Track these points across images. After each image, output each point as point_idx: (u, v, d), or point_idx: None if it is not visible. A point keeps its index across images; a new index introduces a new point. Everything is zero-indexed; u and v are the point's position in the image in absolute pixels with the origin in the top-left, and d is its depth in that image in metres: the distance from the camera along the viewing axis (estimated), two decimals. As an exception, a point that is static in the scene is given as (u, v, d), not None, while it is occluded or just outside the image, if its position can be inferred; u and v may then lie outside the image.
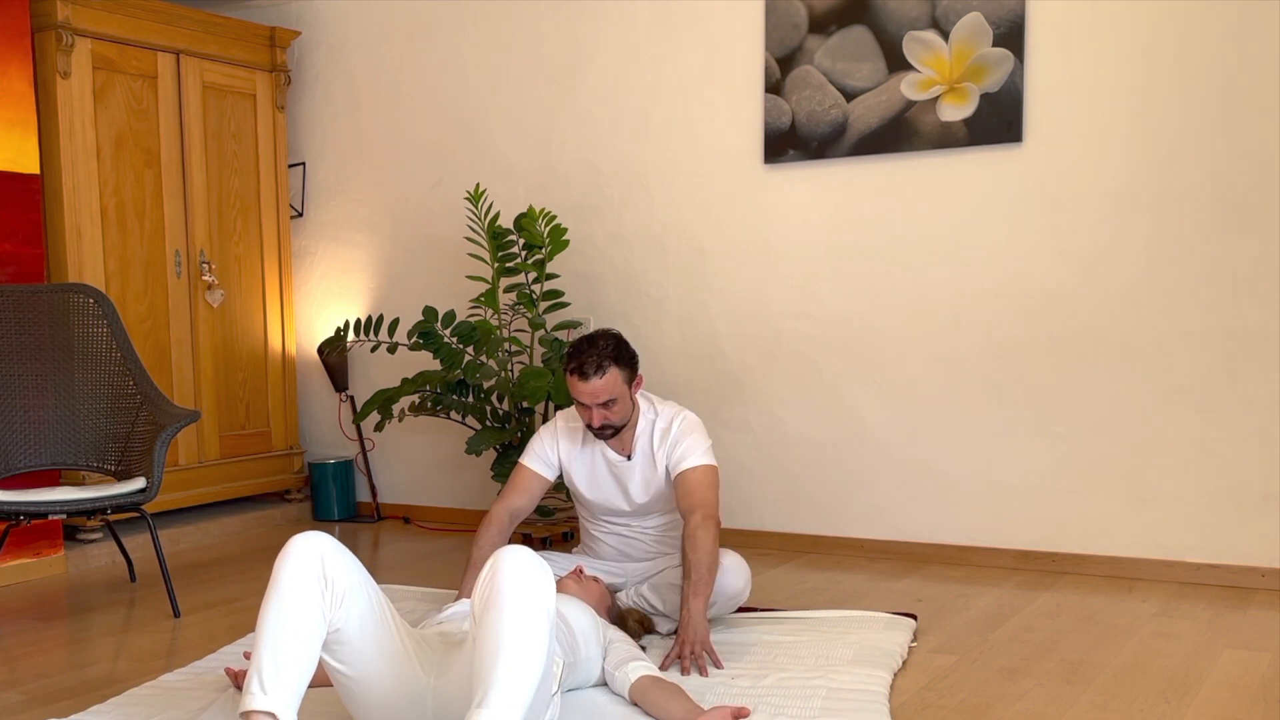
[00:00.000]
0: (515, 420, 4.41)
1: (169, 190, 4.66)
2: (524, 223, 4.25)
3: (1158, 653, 3.05)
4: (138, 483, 3.56)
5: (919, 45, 4.01)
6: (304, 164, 5.33)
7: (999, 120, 3.91)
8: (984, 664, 2.98)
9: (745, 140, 4.35)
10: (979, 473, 4.06)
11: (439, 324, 4.35)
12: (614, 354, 3.09)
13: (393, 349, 4.50)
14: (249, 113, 4.99)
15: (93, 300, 3.89)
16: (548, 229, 4.30)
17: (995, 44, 3.89)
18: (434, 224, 5.03)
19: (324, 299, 5.33)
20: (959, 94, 3.96)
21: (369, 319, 4.60)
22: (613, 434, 3.16)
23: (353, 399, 5.26)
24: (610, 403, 3.08)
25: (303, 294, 5.37)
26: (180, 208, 4.71)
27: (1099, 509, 3.89)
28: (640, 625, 3.13)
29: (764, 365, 4.39)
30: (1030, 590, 3.72)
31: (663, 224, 4.54)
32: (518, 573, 2.10)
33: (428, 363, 4.85)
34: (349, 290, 5.27)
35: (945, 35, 3.96)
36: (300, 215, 5.35)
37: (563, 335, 4.41)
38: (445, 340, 4.34)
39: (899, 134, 4.07)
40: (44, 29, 4.22)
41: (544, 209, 4.37)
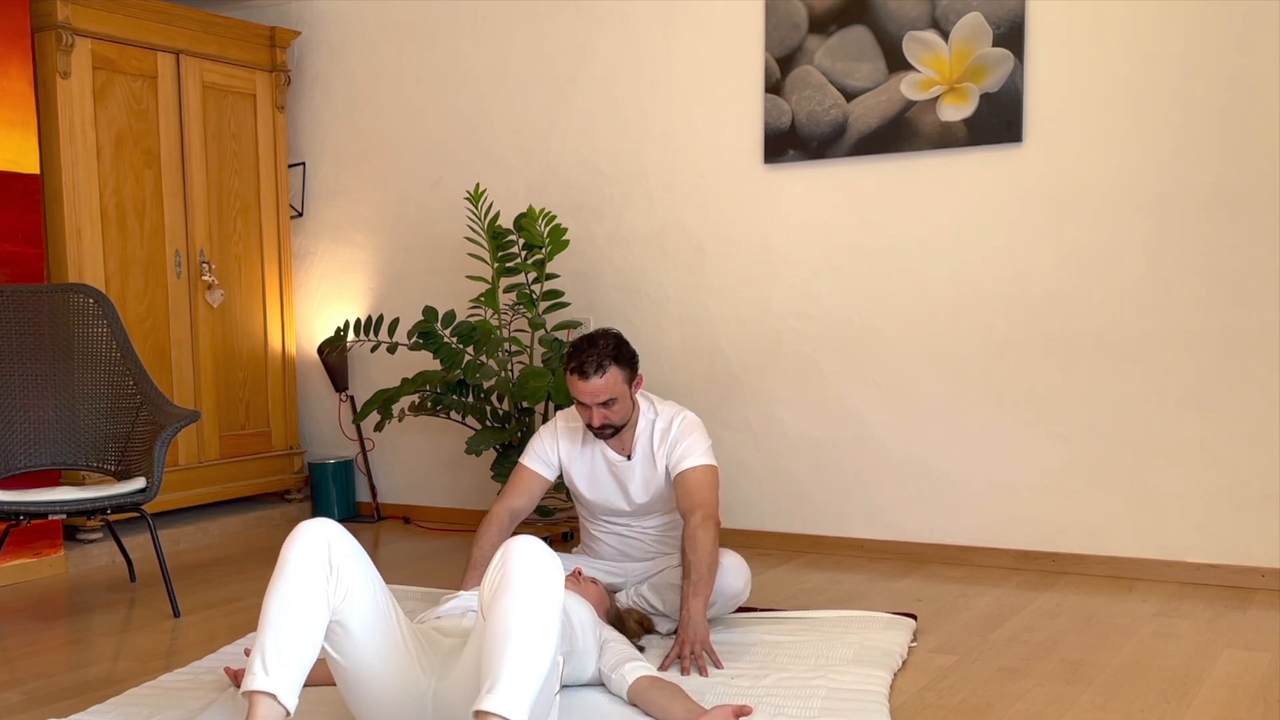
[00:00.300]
0: (515, 420, 4.41)
1: (169, 190, 4.66)
2: (524, 223, 4.25)
3: (1158, 653, 3.05)
4: (138, 483, 3.56)
5: (919, 45, 4.01)
6: (304, 164, 5.33)
7: (999, 120, 3.92)
8: (984, 664, 2.98)
9: (745, 140, 4.35)
10: (979, 473, 4.06)
11: (439, 324, 4.35)
12: (614, 353, 3.09)
13: (393, 349, 4.50)
14: (249, 113, 4.99)
15: (93, 300, 3.89)
16: (548, 229, 4.30)
17: (995, 44, 3.89)
18: (434, 224, 5.03)
19: (324, 299, 5.33)
20: (959, 94, 3.96)
21: (369, 319, 4.60)
22: (613, 433, 3.16)
23: (353, 399, 5.26)
24: (610, 402, 3.08)
25: (303, 294, 5.37)
26: (180, 208, 4.71)
27: (1099, 509, 3.89)
28: (640, 625, 3.13)
29: (764, 365, 4.39)
30: (1030, 590, 3.72)
31: (663, 224, 4.54)
32: (529, 561, 2.10)
33: (428, 363, 4.85)
34: (349, 290, 5.27)
35: (945, 35, 3.96)
36: (300, 215, 5.35)
37: (563, 335, 4.41)
38: (445, 340, 4.34)
39: (899, 134, 4.07)
40: (44, 29, 4.22)
41: (544, 209, 4.37)
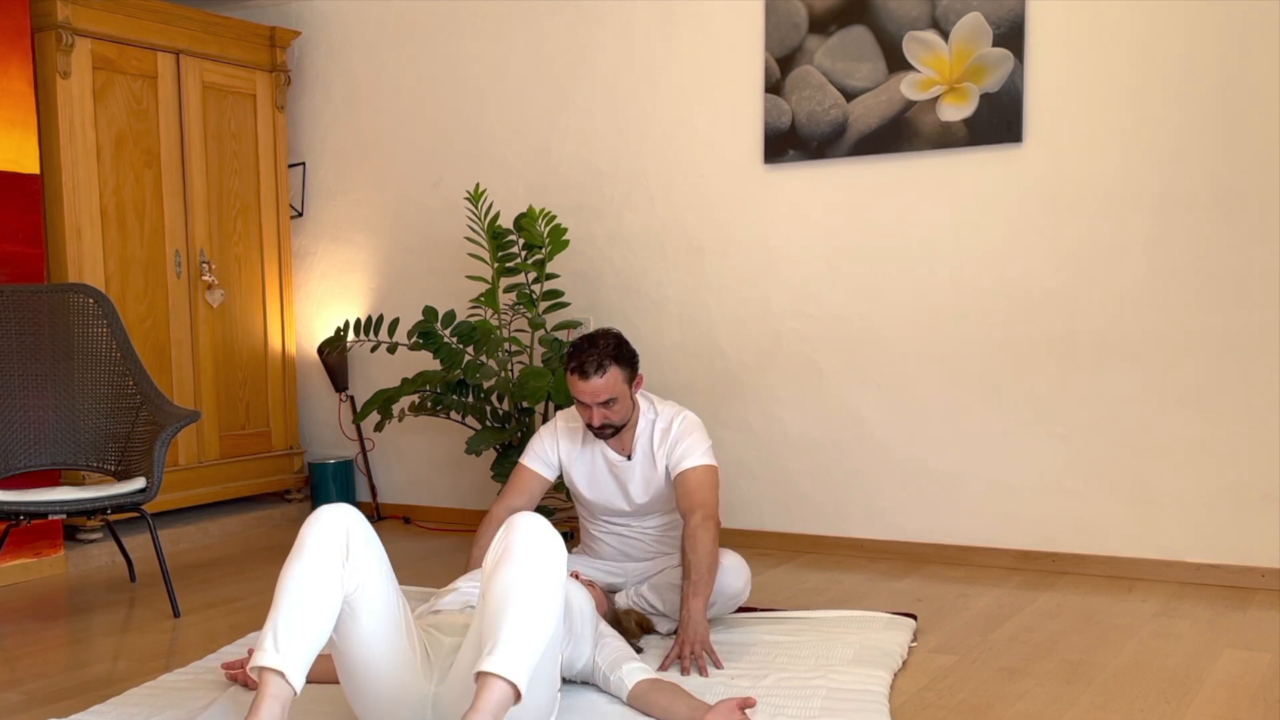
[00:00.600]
0: (515, 420, 4.41)
1: (169, 190, 4.66)
2: (524, 223, 4.25)
3: (1158, 653, 3.05)
4: (138, 483, 3.56)
5: (919, 45, 4.01)
6: (304, 164, 5.33)
7: (999, 120, 3.91)
8: (984, 664, 2.98)
9: (745, 140, 4.35)
10: (979, 473, 4.06)
11: (439, 324, 4.35)
12: (614, 353, 3.09)
13: (393, 349, 4.49)
14: (249, 113, 4.99)
15: (93, 300, 3.89)
16: (548, 229, 4.30)
17: (995, 44, 3.89)
18: (434, 224, 5.03)
19: (324, 299, 5.33)
20: (959, 94, 3.96)
21: (369, 319, 4.60)
22: (613, 433, 3.16)
23: (353, 399, 5.26)
24: (610, 402, 3.08)
25: (303, 294, 5.37)
26: (180, 208, 4.71)
27: (1099, 509, 3.89)
28: (640, 626, 3.13)
29: (764, 365, 4.39)
30: (1030, 590, 3.72)
31: (663, 224, 4.54)
32: (531, 534, 2.14)
33: (428, 363, 4.85)
34: (349, 290, 5.27)
35: (945, 35, 3.96)
36: (300, 215, 5.35)
37: (563, 335, 4.41)
38: (445, 340, 4.34)
39: (899, 134, 4.07)
40: (44, 29, 4.22)
41: (544, 209, 4.37)
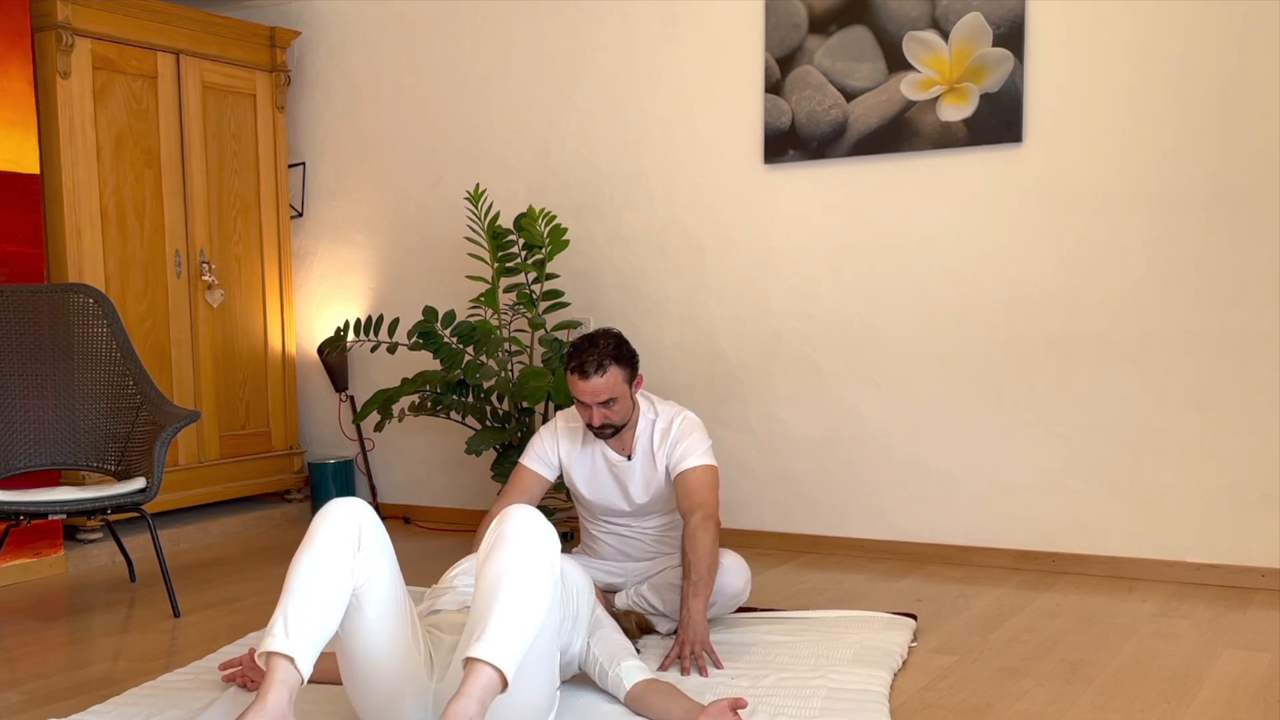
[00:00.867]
0: (515, 420, 4.41)
1: (169, 190, 4.66)
2: (524, 223, 4.25)
3: (1158, 653, 3.05)
4: (138, 483, 3.56)
5: (919, 45, 4.01)
6: (304, 164, 5.33)
7: (999, 120, 3.91)
8: (984, 664, 2.98)
9: (745, 140, 4.35)
10: (979, 473, 4.06)
11: (439, 324, 4.35)
12: (614, 353, 3.09)
13: (393, 349, 4.49)
14: (249, 113, 4.99)
15: (93, 300, 3.89)
16: (548, 229, 4.30)
17: (995, 44, 3.89)
18: (434, 224, 5.03)
19: (324, 299, 5.33)
20: (959, 94, 3.96)
21: (369, 319, 4.59)
22: (613, 433, 3.16)
23: (353, 399, 5.26)
24: (610, 402, 3.08)
25: (303, 294, 5.37)
26: (180, 208, 4.71)
27: (1099, 509, 3.89)
28: (639, 627, 3.13)
29: (764, 365, 4.39)
30: (1030, 590, 3.72)
31: (663, 224, 4.54)
32: (524, 524, 2.16)
33: (428, 363, 4.85)
34: (349, 290, 5.27)
35: (945, 35, 3.96)
36: (300, 215, 5.35)
37: (563, 335, 4.41)
38: (445, 340, 4.34)
39: (899, 134, 4.07)
40: (44, 29, 4.22)
41: (544, 209, 4.37)
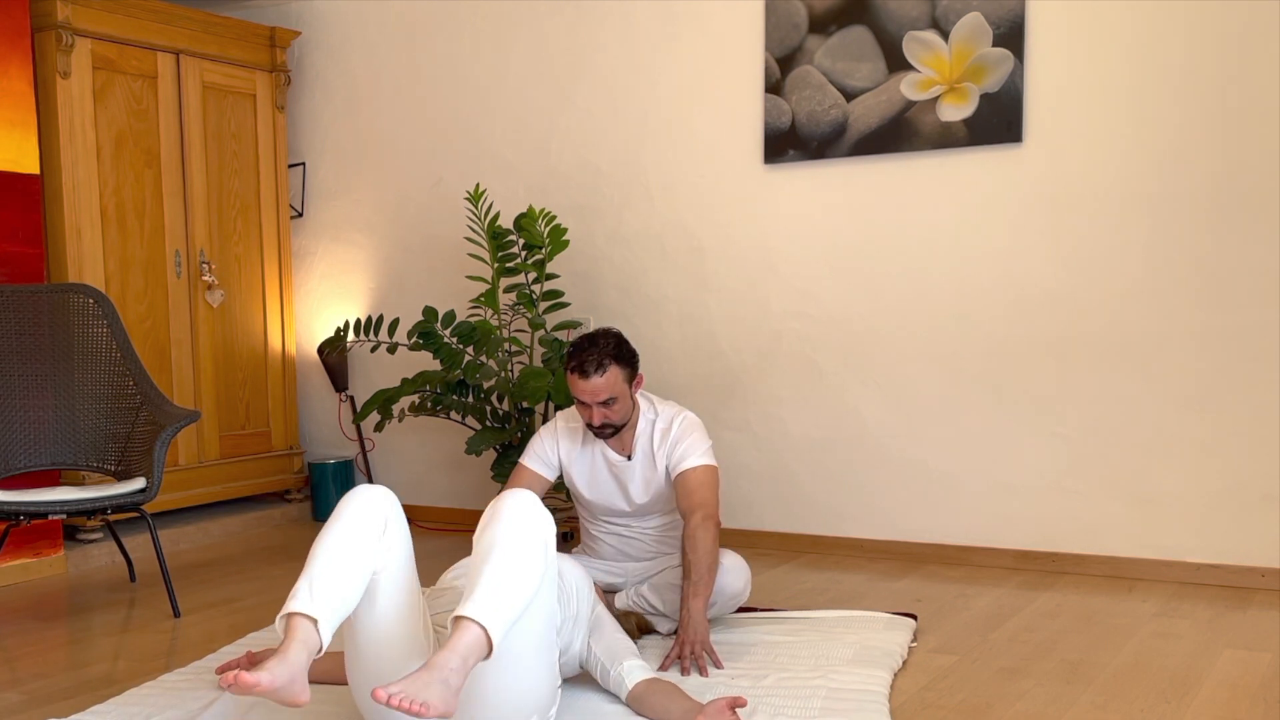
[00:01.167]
0: (515, 420, 4.41)
1: (169, 190, 4.66)
2: (524, 223, 4.25)
3: (1158, 653, 3.05)
4: (138, 483, 3.56)
5: (919, 45, 4.01)
6: (304, 164, 5.33)
7: (999, 120, 3.91)
8: (984, 664, 2.98)
9: (745, 140, 4.35)
10: (979, 473, 4.06)
11: (439, 324, 4.35)
12: (614, 352, 3.09)
13: (393, 349, 4.49)
14: (249, 113, 4.99)
15: (93, 300, 3.89)
16: (548, 229, 4.30)
17: (995, 44, 3.89)
18: (434, 224, 5.03)
19: (324, 299, 5.33)
20: (959, 94, 3.96)
21: (369, 319, 4.59)
22: (613, 433, 3.16)
23: (353, 399, 5.26)
24: (610, 401, 3.08)
25: (303, 294, 5.37)
26: (180, 208, 4.71)
27: (1099, 509, 3.89)
28: (639, 628, 3.13)
29: (764, 365, 4.39)
30: (1030, 590, 3.72)
31: (663, 224, 4.54)
32: (518, 503, 2.24)
33: (428, 363, 4.85)
34: (349, 290, 5.27)
35: (945, 35, 3.96)
36: (300, 215, 5.35)
37: (563, 335, 4.41)
38: (445, 340, 4.34)
39: (899, 134, 4.07)
40: (44, 29, 4.22)
41: (544, 209, 4.36)
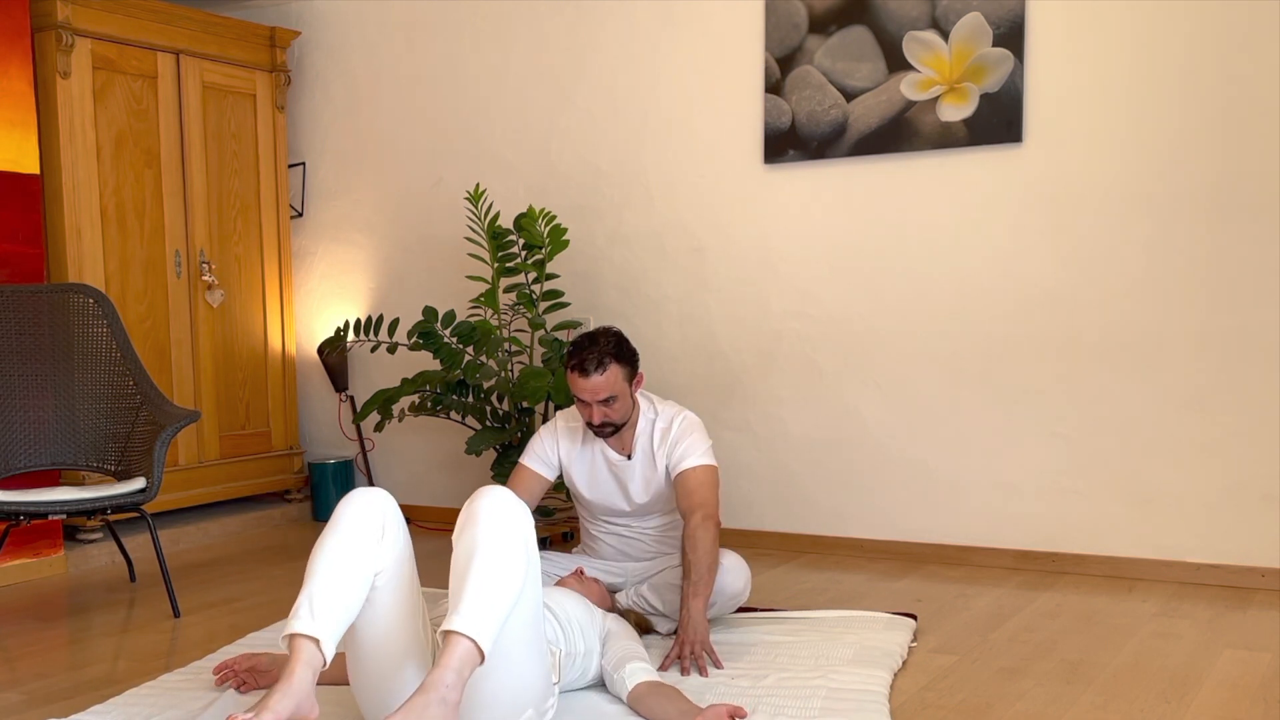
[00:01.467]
0: (515, 420, 4.41)
1: (169, 190, 4.66)
2: (524, 223, 4.25)
3: (1158, 653, 3.05)
4: (138, 483, 3.56)
5: (919, 45, 4.01)
6: (304, 164, 5.33)
7: (999, 120, 3.91)
8: (984, 664, 2.98)
9: (745, 140, 4.35)
10: (979, 473, 4.06)
11: (439, 324, 4.35)
12: (615, 351, 3.09)
13: (393, 349, 4.49)
14: (249, 113, 4.99)
15: (93, 300, 3.89)
16: (548, 229, 4.30)
17: (995, 44, 3.89)
18: (434, 224, 5.03)
19: (324, 299, 5.33)
20: (959, 94, 3.96)
21: (369, 319, 4.60)
22: (613, 432, 3.16)
23: (353, 399, 5.26)
24: (610, 400, 3.08)
25: (303, 294, 5.37)
26: (180, 208, 4.71)
27: (1099, 509, 3.89)
28: (639, 628, 3.12)
29: (764, 365, 4.39)
30: (1030, 590, 3.72)
31: (663, 224, 4.54)
32: (494, 501, 2.23)
33: (428, 363, 4.85)
34: (349, 290, 5.27)
35: (945, 35, 3.96)
36: (300, 215, 5.35)
37: (563, 335, 4.41)
38: (445, 340, 4.34)
39: (899, 134, 4.07)
40: (44, 29, 4.22)
41: (544, 209, 4.37)
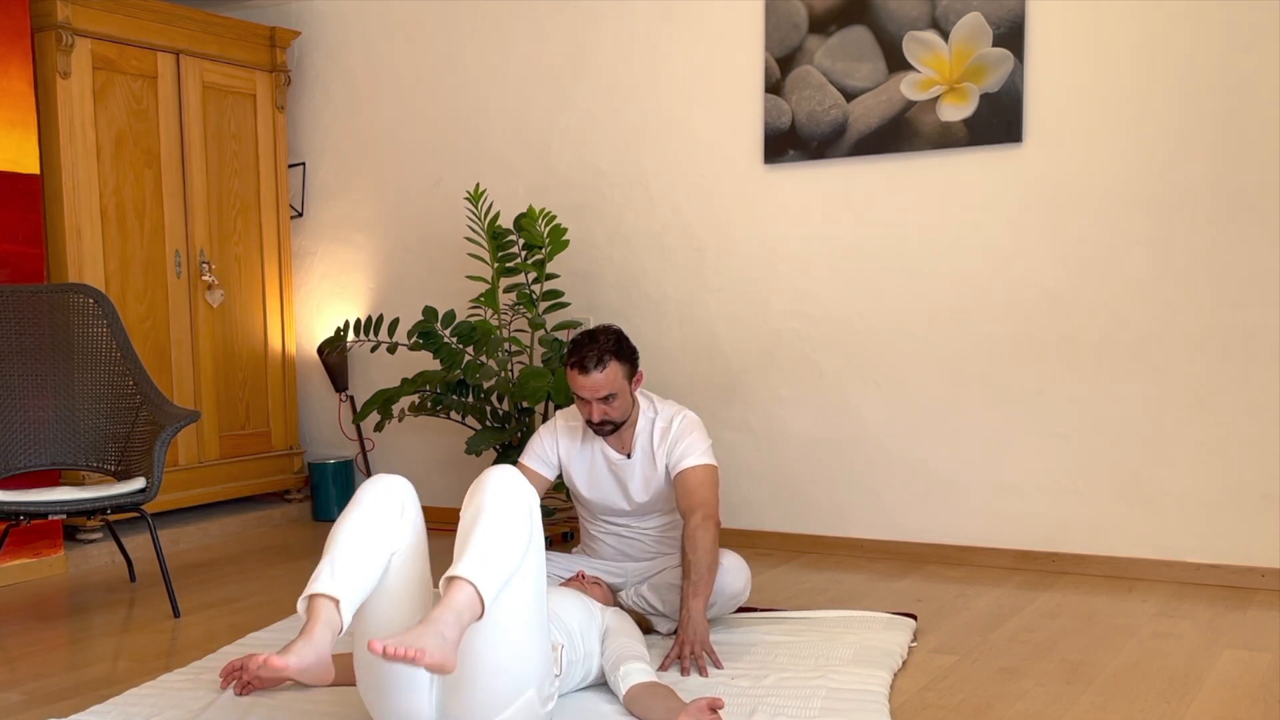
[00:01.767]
0: (515, 420, 4.41)
1: (169, 190, 4.66)
2: (524, 223, 4.25)
3: (1158, 653, 3.05)
4: (138, 483, 3.56)
5: (919, 45, 4.01)
6: (304, 164, 5.33)
7: (999, 120, 3.91)
8: (984, 664, 2.98)
9: (745, 140, 4.35)
10: (979, 473, 4.06)
11: (439, 324, 4.35)
12: (614, 348, 3.09)
13: (393, 349, 4.49)
14: (249, 113, 4.99)
15: (93, 300, 3.89)
16: (548, 229, 4.30)
17: (995, 44, 3.89)
18: (434, 224, 5.03)
19: (324, 299, 5.33)
20: (959, 94, 3.96)
21: (369, 319, 4.60)
22: (612, 430, 3.16)
23: (353, 399, 5.26)
24: (610, 397, 3.08)
25: (303, 294, 5.37)
26: (180, 208, 4.71)
27: (1099, 509, 3.89)
28: (639, 628, 3.12)
29: (764, 365, 4.39)
30: (1030, 590, 3.72)
31: (663, 224, 4.54)
32: (503, 474, 2.31)
33: (428, 363, 4.84)
34: (349, 290, 5.27)
35: (945, 35, 3.96)
36: (300, 215, 5.35)
37: (563, 335, 4.41)
38: (445, 340, 4.34)
39: (899, 134, 4.07)
40: (44, 29, 4.22)
41: (544, 209, 4.37)
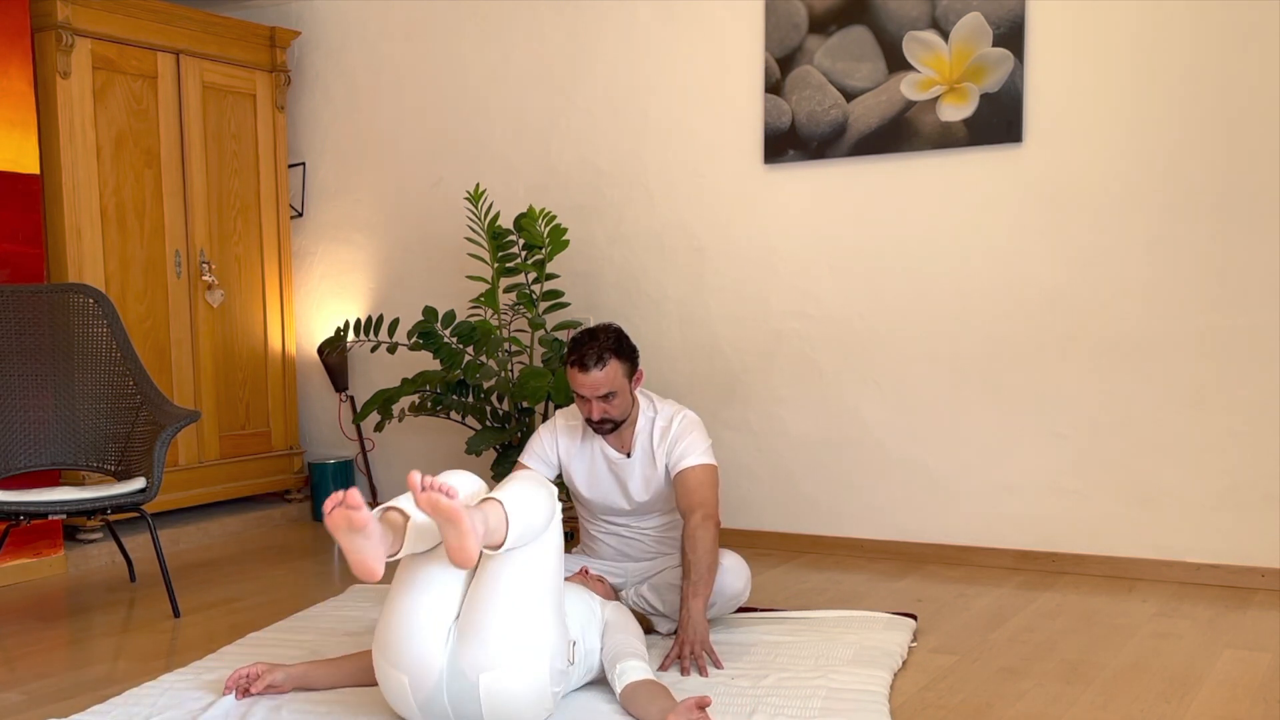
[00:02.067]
0: (515, 420, 4.41)
1: (169, 190, 4.66)
2: (524, 223, 4.25)
3: (1158, 653, 3.05)
4: (138, 483, 3.56)
5: (919, 45, 4.01)
6: (304, 164, 5.33)
7: (999, 120, 3.91)
8: (984, 664, 2.98)
9: (745, 140, 4.35)
10: (979, 473, 4.06)
11: (439, 324, 4.35)
12: (614, 347, 3.09)
13: (393, 349, 4.49)
14: (249, 113, 4.99)
15: (93, 300, 3.89)
16: (548, 229, 4.30)
17: (995, 44, 3.89)
18: (434, 224, 5.03)
19: (324, 299, 5.33)
20: (959, 94, 3.96)
21: (369, 319, 4.60)
22: (612, 429, 3.16)
23: (353, 399, 5.26)
24: (610, 396, 3.08)
25: (303, 294, 5.37)
26: (180, 208, 4.71)
27: (1099, 509, 3.89)
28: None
29: (764, 365, 4.39)
30: (1030, 590, 3.72)
31: (663, 224, 4.54)
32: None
33: (428, 363, 4.84)
34: (349, 290, 5.27)
35: (945, 35, 3.96)
36: (300, 215, 5.35)
37: (563, 335, 4.41)
38: (445, 340, 4.34)
39: (899, 134, 4.07)
40: (44, 29, 4.22)
41: (544, 209, 4.37)
